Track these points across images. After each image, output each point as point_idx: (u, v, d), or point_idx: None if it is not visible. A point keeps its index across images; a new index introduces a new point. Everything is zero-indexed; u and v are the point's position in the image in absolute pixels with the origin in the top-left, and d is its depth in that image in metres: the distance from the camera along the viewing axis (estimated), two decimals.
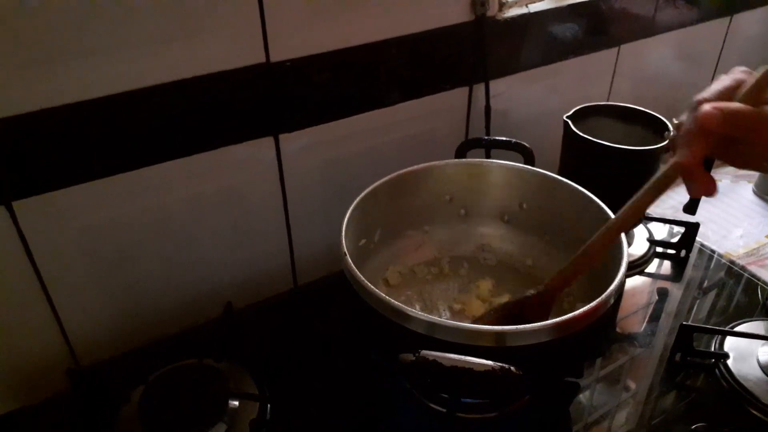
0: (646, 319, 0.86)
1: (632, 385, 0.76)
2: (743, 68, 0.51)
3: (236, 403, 0.70)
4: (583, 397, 0.74)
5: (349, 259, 0.61)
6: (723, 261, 0.96)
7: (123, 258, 0.77)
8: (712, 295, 0.90)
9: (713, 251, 0.98)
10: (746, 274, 0.93)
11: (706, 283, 0.92)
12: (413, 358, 0.52)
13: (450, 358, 0.51)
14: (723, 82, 0.50)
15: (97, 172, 0.70)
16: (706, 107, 0.47)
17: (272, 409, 0.71)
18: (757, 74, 0.49)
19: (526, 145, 0.83)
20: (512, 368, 0.51)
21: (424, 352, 0.52)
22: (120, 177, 0.71)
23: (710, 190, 0.51)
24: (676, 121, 0.52)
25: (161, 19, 0.66)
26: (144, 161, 0.73)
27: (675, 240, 0.97)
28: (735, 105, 0.48)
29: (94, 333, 0.79)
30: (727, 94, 0.49)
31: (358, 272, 0.59)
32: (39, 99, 0.63)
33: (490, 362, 0.51)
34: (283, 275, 0.94)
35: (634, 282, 0.93)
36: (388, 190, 0.75)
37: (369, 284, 0.58)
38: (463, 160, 0.85)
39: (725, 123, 0.47)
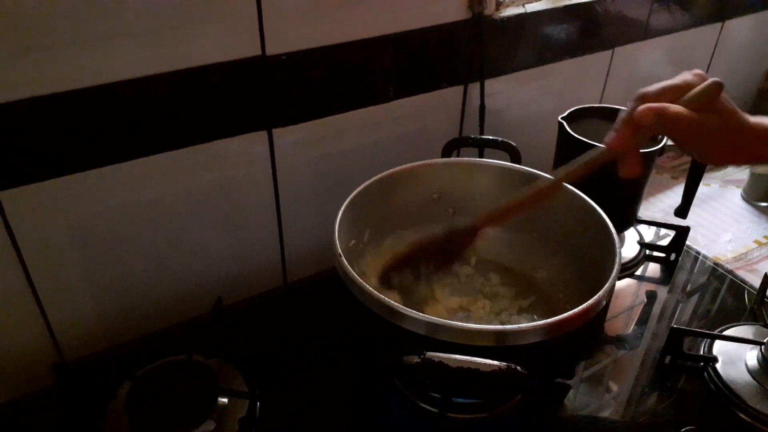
0: (635, 322, 0.86)
1: (619, 386, 0.76)
2: (697, 71, 0.53)
3: (225, 400, 0.69)
4: (569, 398, 0.74)
5: (345, 261, 0.61)
6: (711, 265, 0.97)
7: (112, 251, 0.76)
8: (700, 298, 0.91)
9: (702, 255, 0.98)
10: (735, 279, 0.93)
11: (694, 287, 0.93)
12: (418, 359, 0.51)
13: (456, 359, 0.51)
14: (672, 81, 0.53)
15: (87, 163, 0.69)
16: (643, 107, 0.50)
17: (262, 407, 0.70)
18: (706, 83, 0.51)
19: (512, 144, 0.84)
20: (518, 368, 0.51)
21: (430, 354, 0.52)
22: (111, 168, 0.70)
23: (634, 172, 0.55)
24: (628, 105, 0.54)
25: (155, 9, 0.65)
26: (135, 153, 0.71)
27: (665, 243, 0.98)
28: (672, 110, 0.50)
29: (80, 327, 0.78)
30: (671, 92, 0.52)
31: (354, 274, 0.59)
32: (29, 87, 0.62)
33: (496, 362, 0.51)
34: (273, 271, 0.93)
35: (623, 284, 0.93)
36: (377, 190, 0.74)
37: (367, 286, 0.57)
38: (451, 159, 0.84)
39: (657, 124, 0.50)
